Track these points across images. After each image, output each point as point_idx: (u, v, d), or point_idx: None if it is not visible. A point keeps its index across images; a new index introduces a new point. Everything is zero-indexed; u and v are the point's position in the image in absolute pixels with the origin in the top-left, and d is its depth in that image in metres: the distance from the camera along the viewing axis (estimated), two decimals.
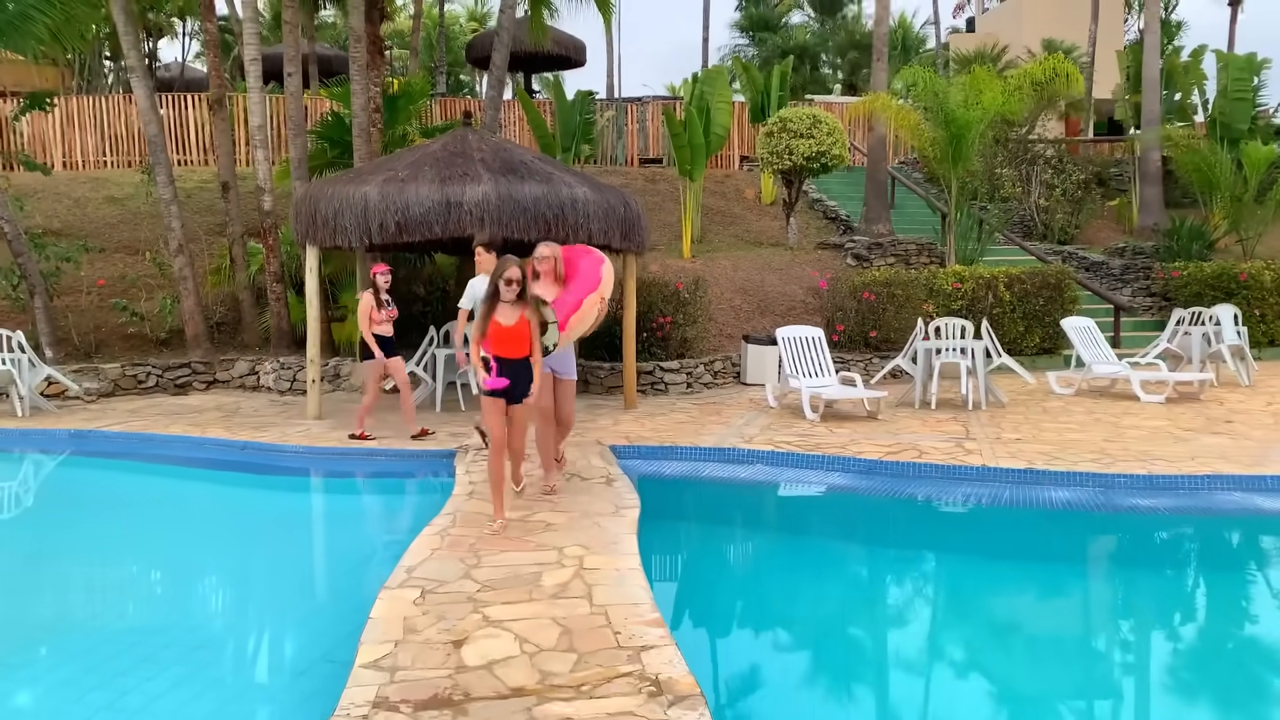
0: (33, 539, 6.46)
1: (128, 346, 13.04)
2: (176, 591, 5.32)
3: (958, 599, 5.17)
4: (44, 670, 4.09)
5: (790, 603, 4.97)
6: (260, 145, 12.29)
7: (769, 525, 6.88)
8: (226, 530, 6.61)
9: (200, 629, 4.60)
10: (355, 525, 6.79)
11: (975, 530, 6.43)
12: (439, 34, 32.48)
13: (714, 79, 17.26)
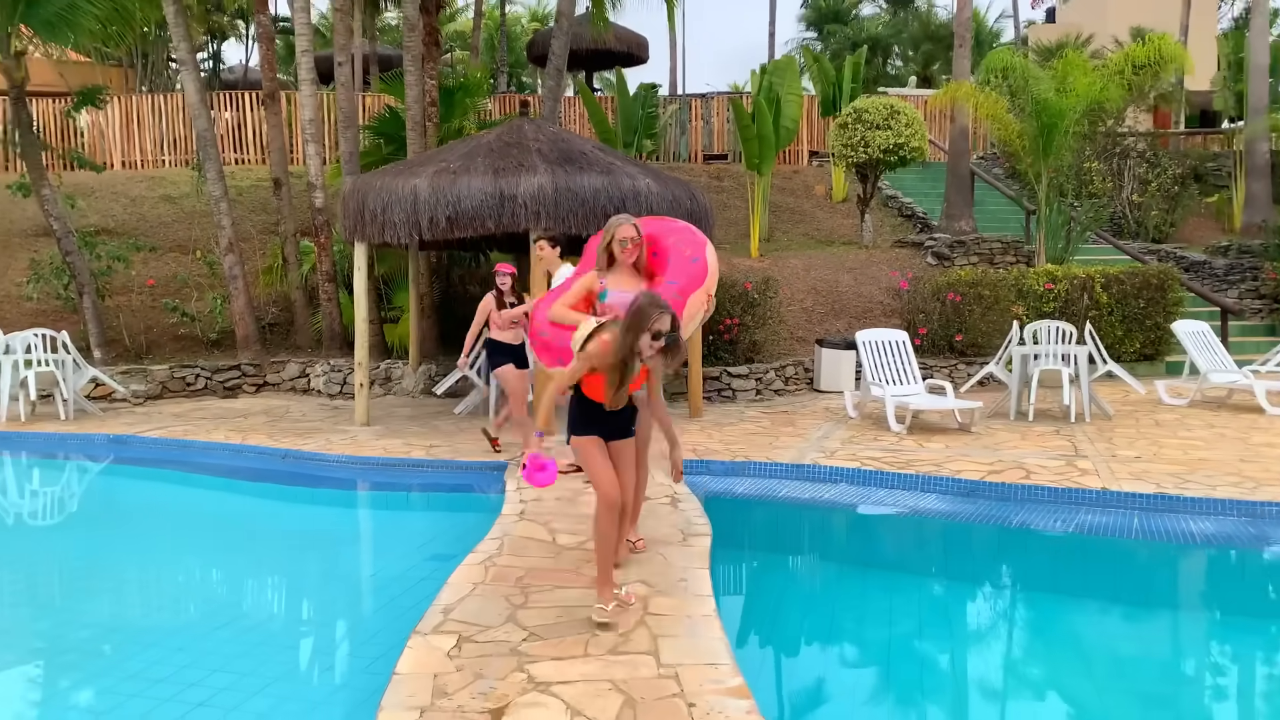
0: (47, 551, 5.96)
1: (179, 348, 12.70)
2: (172, 622, 4.72)
3: (1103, 657, 4.31)
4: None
5: (901, 657, 4.16)
6: (312, 139, 11.83)
7: (866, 560, 5.88)
8: (252, 552, 6.02)
9: (194, 670, 3.98)
10: (393, 546, 6.14)
11: (1113, 570, 5.51)
12: (500, 34, 32.13)
13: (783, 69, 16.43)
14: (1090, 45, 28.19)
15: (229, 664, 3.88)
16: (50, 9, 10.89)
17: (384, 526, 6.90)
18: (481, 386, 9.94)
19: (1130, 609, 4.87)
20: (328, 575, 5.53)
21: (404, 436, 8.47)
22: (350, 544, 6.35)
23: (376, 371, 11.35)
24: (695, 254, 4.93)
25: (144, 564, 5.71)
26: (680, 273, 4.87)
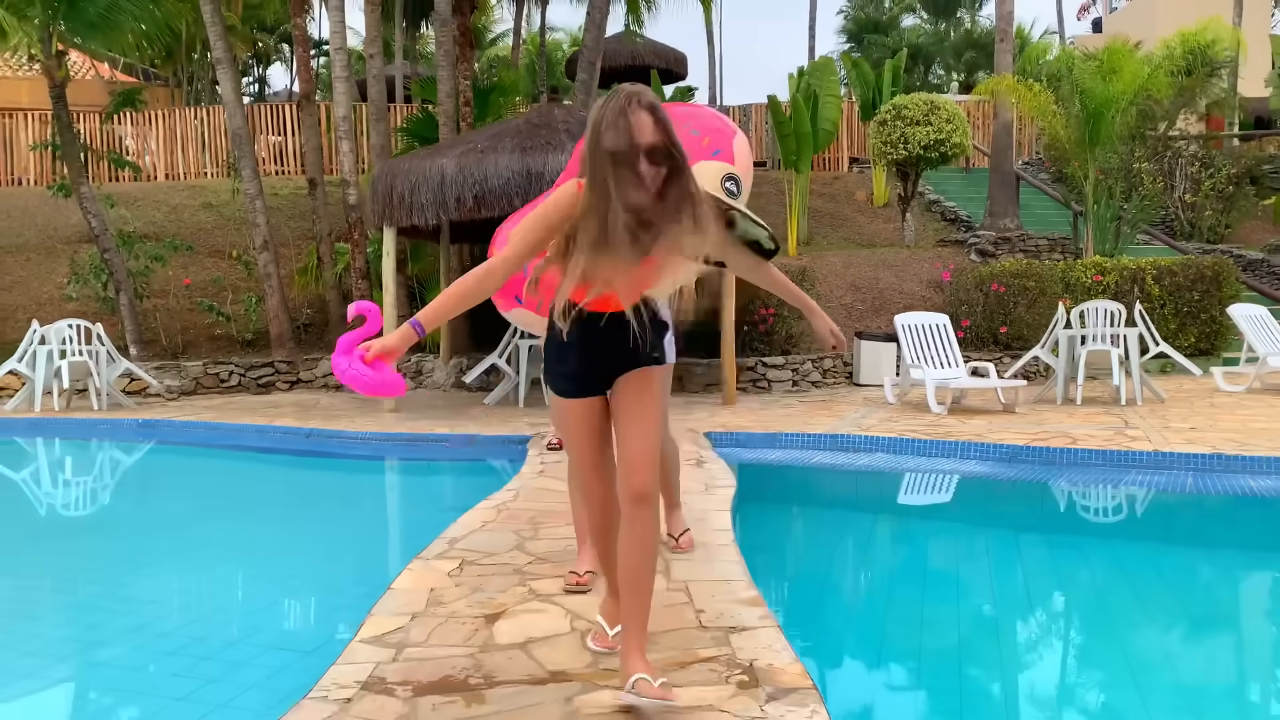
0: (87, 516, 5.88)
1: (214, 348, 12.76)
2: (201, 562, 4.58)
3: (1081, 592, 3.98)
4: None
5: (922, 597, 3.86)
6: (345, 136, 11.87)
7: (889, 513, 5.68)
8: (274, 509, 5.90)
9: (217, 601, 3.82)
10: (411, 505, 6.00)
11: (1171, 519, 5.19)
12: (540, 57, 32.40)
13: (822, 70, 16.28)
14: (1140, 50, 27.69)
15: (250, 595, 3.73)
16: (91, 11, 11.07)
17: (407, 488, 6.78)
18: (511, 375, 9.80)
19: (1190, 549, 4.52)
20: (353, 526, 5.38)
21: (431, 420, 8.34)
22: (372, 503, 6.22)
23: (407, 365, 11.26)
24: (716, 144, 3.49)
25: (190, 521, 5.60)
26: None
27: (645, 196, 2.16)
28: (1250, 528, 4.98)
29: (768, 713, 2.06)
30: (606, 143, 2.17)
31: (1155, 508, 5.35)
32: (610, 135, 2.16)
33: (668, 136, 2.20)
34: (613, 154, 2.15)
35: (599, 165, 2.18)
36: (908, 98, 14.79)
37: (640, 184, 2.16)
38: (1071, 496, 5.54)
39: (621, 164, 2.15)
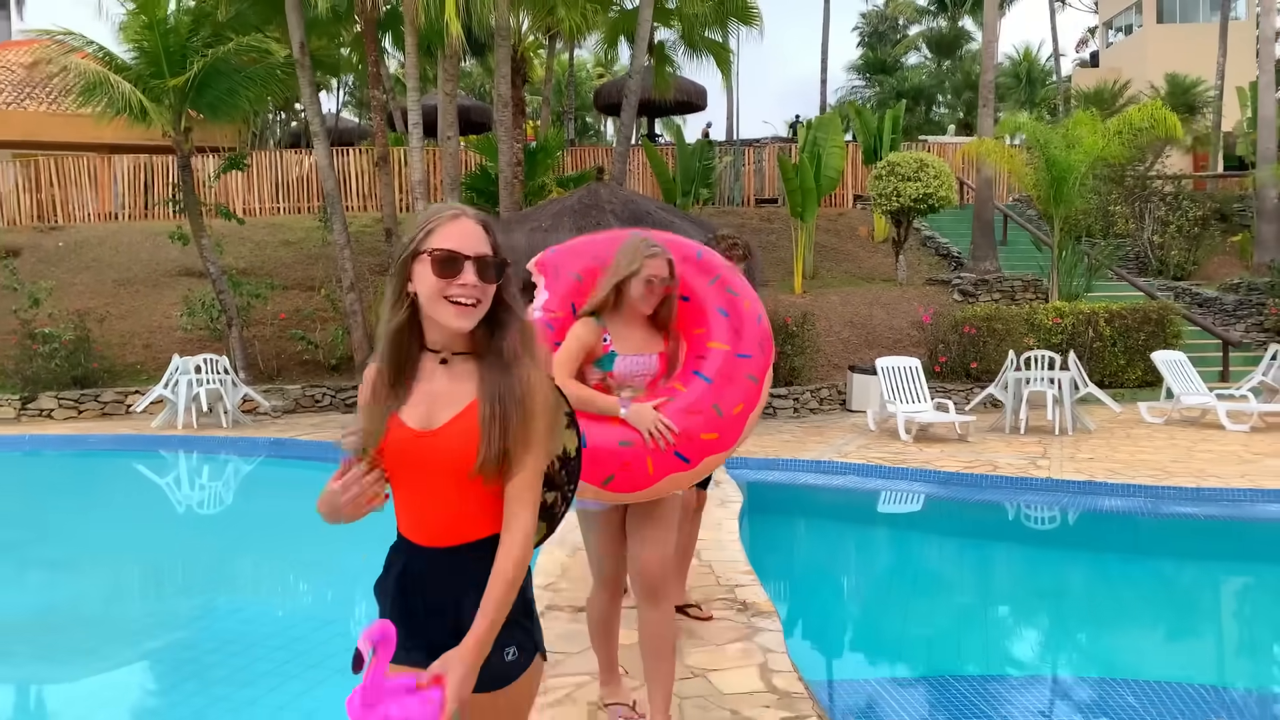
0: (225, 524, 8.13)
1: (303, 371, 15.03)
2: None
3: (1003, 571, 6.20)
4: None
5: (859, 570, 6.11)
6: (421, 197, 14.11)
7: (849, 519, 8.13)
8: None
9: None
10: None
11: (1038, 529, 7.40)
12: (568, 81, 34.49)
13: (826, 125, 18.41)
14: (1128, 90, 29.65)
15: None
16: (214, 94, 13.38)
17: None
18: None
19: (1025, 548, 6.74)
20: None
21: None
22: None
23: None
24: (756, 309, 3.22)
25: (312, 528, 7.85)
26: (748, 341, 3.11)
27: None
28: (1089, 534, 7.17)
29: (752, 623, 4.23)
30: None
31: (1030, 519, 7.57)
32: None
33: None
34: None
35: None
36: (900, 155, 16.93)
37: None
38: (978, 510, 7.75)
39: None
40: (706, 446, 2.91)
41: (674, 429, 2.84)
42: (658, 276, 3.02)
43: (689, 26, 16.45)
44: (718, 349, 3.06)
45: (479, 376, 1.77)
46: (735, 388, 3.01)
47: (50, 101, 25.49)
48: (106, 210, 21.29)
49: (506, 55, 13.34)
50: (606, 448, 2.80)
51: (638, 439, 2.84)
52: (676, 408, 2.93)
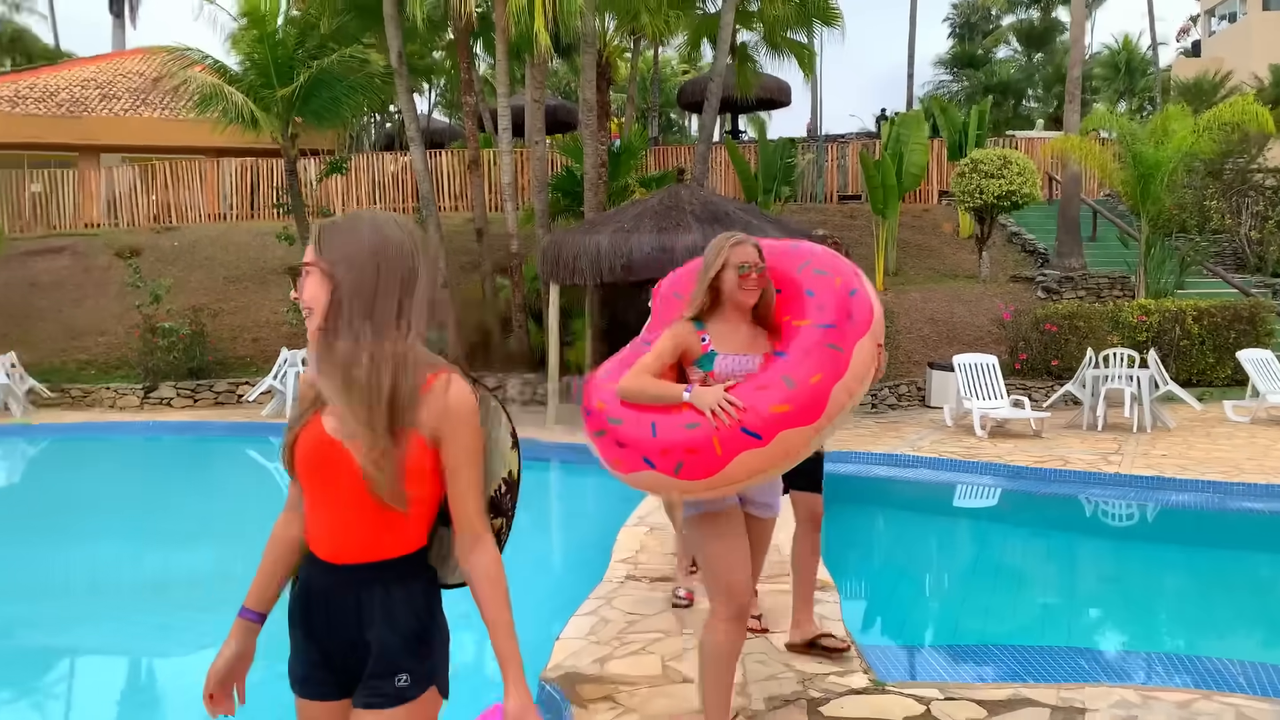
0: None
1: None
2: None
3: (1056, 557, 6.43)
4: None
5: (916, 553, 6.44)
6: (510, 199, 14.73)
7: (916, 509, 8.48)
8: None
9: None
10: (605, 494, 8.72)
11: (1101, 521, 7.57)
12: (652, 78, 34.85)
13: (910, 122, 18.46)
14: (1230, 81, 28.69)
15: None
16: (318, 103, 14.21)
17: (599, 484, 9.49)
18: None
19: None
20: (576, 506, 8.13)
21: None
22: (579, 493, 9.00)
23: (560, 384, 14.05)
24: (850, 283, 2.99)
25: None
26: (831, 311, 2.92)
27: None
28: (1150, 527, 7.33)
29: (816, 595, 4.60)
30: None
31: (1094, 512, 7.74)
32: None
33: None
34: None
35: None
36: (983, 152, 16.89)
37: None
38: (1043, 502, 7.93)
39: None
40: (777, 420, 2.64)
41: (738, 404, 2.65)
42: (747, 262, 2.94)
43: (770, 28, 16.69)
44: (800, 326, 2.89)
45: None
46: (811, 358, 2.76)
47: (163, 108, 27.10)
48: (216, 211, 22.56)
49: (592, 61, 13.84)
50: (673, 435, 2.69)
51: (703, 420, 2.67)
52: (746, 385, 2.76)
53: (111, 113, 26.57)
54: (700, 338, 2.97)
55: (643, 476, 2.77)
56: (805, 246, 3.17)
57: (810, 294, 2.96)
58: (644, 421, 2.76)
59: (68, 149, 25.10)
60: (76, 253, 19.27)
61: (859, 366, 2.78)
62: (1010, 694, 3.42)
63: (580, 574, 5.49)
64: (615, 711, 3.33)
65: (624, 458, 2.79)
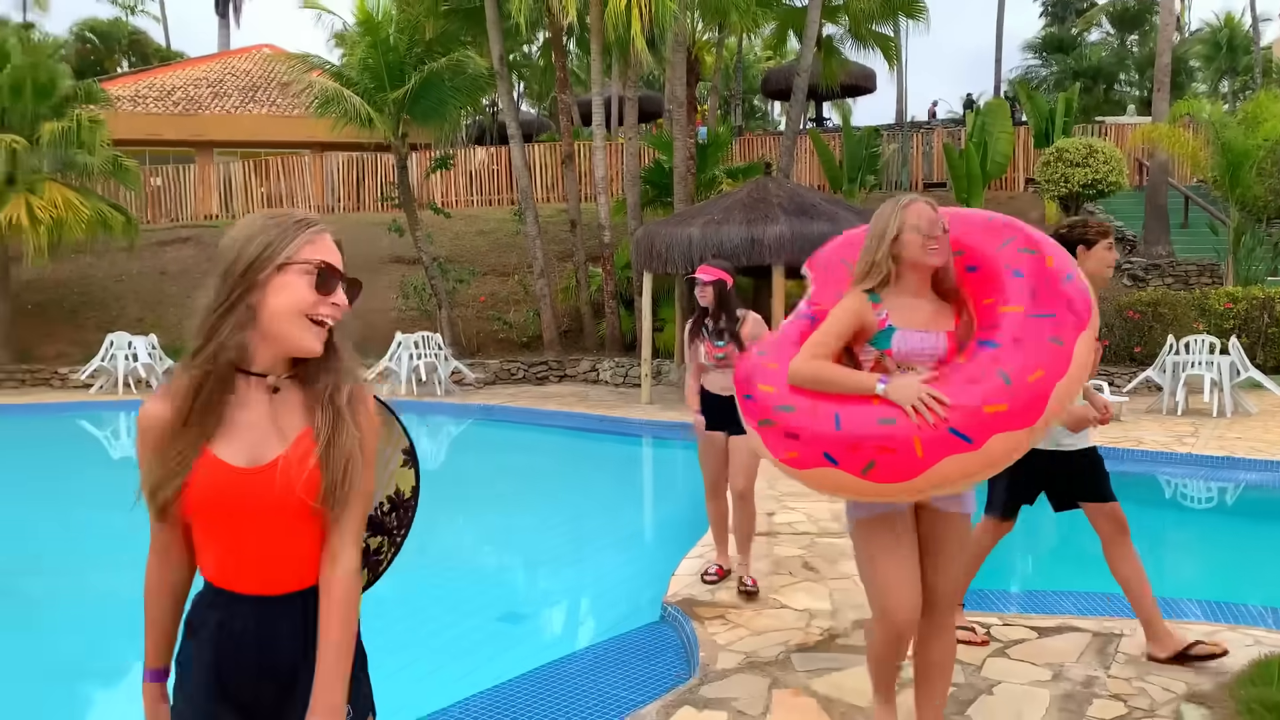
0: (456, 473, 9.72)
1: (499, 348, 16.79)
2: (583, 495, 8.16)
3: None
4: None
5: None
6: (602, 192, 15.52)
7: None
8: (604, 470, 9.52)
9: (598, 521, 7.38)
10: (694, 467, 9.45)
11: (1168, 498, 8.00)
12: (735, 65, 35.14)
13: (994, 111, 18.65)
14: None
15: (622, 514, 7.23)
16: (426, 104, 15.17)
17: (669, 457, 10.24)
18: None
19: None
20: (666, 479, 8.88)
21: (680, 410, 11.79)
22: (667, 465, 9.75)
23: (651, 366, 14.80)
24: (1065, 266, 2.63)
25: (533, 474, 9.30)
26: (1047, 298, 2.57)
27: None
28: (1211, 503, 7.67)
29: None
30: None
31: (1161, 489, 8.11)
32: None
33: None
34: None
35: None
36: (1069, 141, 17.03)
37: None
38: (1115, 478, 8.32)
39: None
40: (992, 421, 2.35)
41: (944, 400, 2.37)
42: (926, 219, 2.62)
43: (856, 22, 17.10)
44: (1009, 312, 2.54)
45: (306, 403, 1.63)
46: (1030, 351, 2.44)
47: (270, 104, 28.66)
48: (323, 203, 23.90)
49: (682, 59, 14.50)
50: (863, 430, 2.41)
51: (901, 416, 2.40)
52: (953, 378, 2.45)
53: (223, 110, 28.23)
54: (876, 311, 2.69)
55: (823, 474, 2.46)
56: (1002, 219, 2.80)
57: (1017, 274, 2.60)
58: (824, 411, 2.48)
59: (185, 145, 26.79)
60: (201, 243, 20.75)
61: (1080, 365, 2.46)
62: (1059, 623, 4.03)
63: (680, 531, 6.23)
64: (728, 626, 4.05)
65: (799, 451, 2.49)
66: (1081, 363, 2.47)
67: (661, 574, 4.85)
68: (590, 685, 3.65)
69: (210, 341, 1.58)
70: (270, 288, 1.57)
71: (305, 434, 1.62)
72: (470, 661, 4.22)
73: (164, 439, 1.60)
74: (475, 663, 4.17)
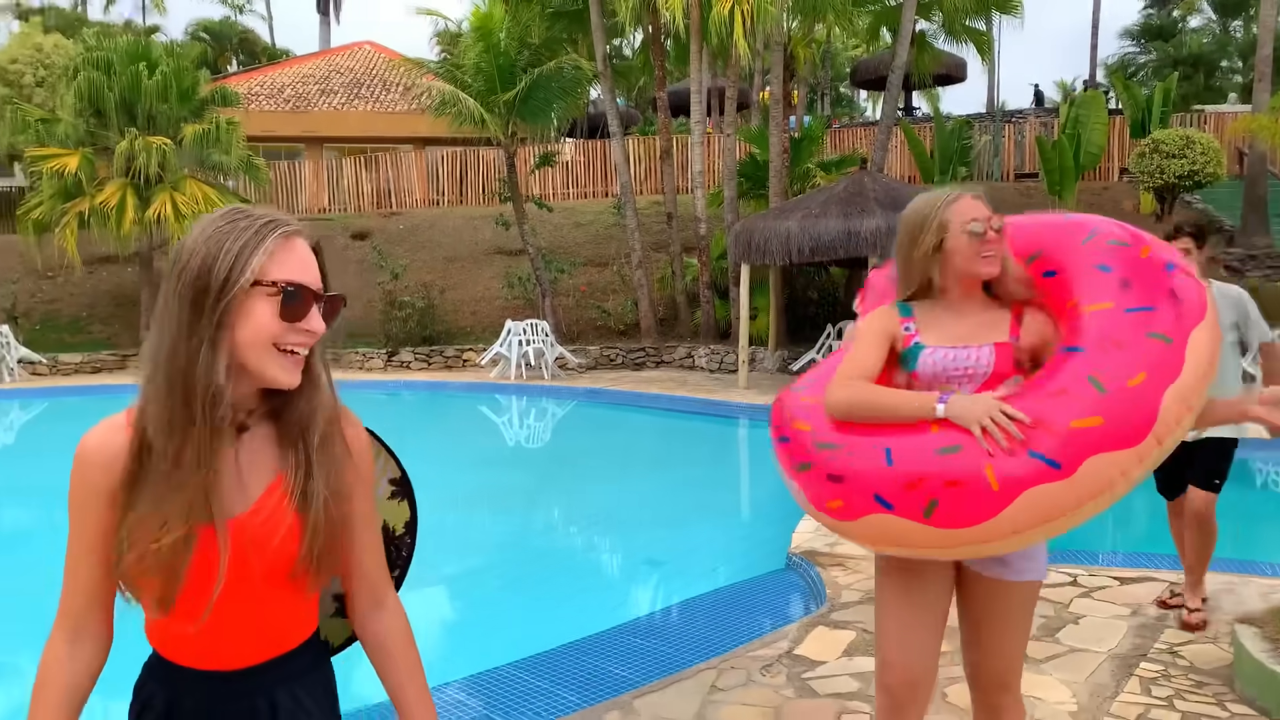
0: (567, 451, 10.55)
1: (597, 335, 17.63)
2: (693, 471, 8.90)
3: None
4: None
5: None
6: (699, 186, 16.19)
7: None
8: (709, 448, 10.25)
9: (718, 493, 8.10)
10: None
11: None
12: (824, 55, 35.24)
13: (1089, 103, 18.74)
14: None
15: (740, 488, 7.95)
16: (532, 107, 16.04)
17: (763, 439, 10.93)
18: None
19: None
20: (747, 457, 9.58)
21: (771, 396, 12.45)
22: (753, 446, 10.44)
23: (746, 354, 15.46)
24: (1162, 254, 2.18)
25: (642, 450, 10.07)
26: (1143, 289, 2.12)
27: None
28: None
29: None
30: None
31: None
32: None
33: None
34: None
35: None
36: (1165, 133, 17.06)
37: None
38: None
39: None
40: (1084, 439, 1.90)
41: (1022, 418, 1.92)
42: (979, 218, 2.17)
43: (950, 18, 17.39)
44: (1096, 310, 2.10)
45: (280, 442, 1.38)
46: (1127, 351, 1.99)
47: (373, 100, 29.96)
48: (428, 197, 25.08)
49: (779, 59, 15.07)
50: (921, 463, 1.97)
51: (967, 441, 1.95)
52: (1032, 392, 2.01)
53: (330, 106, 29.58)
54: (904, 326, 2.27)
55: (876, 524, 2.01)
56: (1079, 216, 2.37)
57: (1106, 269, 2.16)
58: (872, 446, 2.04)
59: (295, 140, 28.24)
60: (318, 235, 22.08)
61: (1200, 363, 1.98)
62: (1139, 574, 4.60)
63: (788, 501, 6.86)
64: (848, 571, 4.72)
65: (844, 498, 2.04)
66: (1202, 360, 1.98)
67: (777, 534, 5.55)
68: (734, 613, 4.38)
69: (198, 383, 1.27)
70: (239, 312, 1.29)
71: (276, 483, 1.36)
72: (624, 591, 5.01)
73: (127, 486, 1.31)
74: (629, 594, 4.95)
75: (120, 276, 19.61)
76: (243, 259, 1.29)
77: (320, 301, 1.35)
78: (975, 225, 2.16)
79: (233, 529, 1.33)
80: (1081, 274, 2.19)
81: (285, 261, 1.33)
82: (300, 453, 1.37)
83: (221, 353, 1.29)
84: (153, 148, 15.69)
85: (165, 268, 1.35)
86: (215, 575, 1.32)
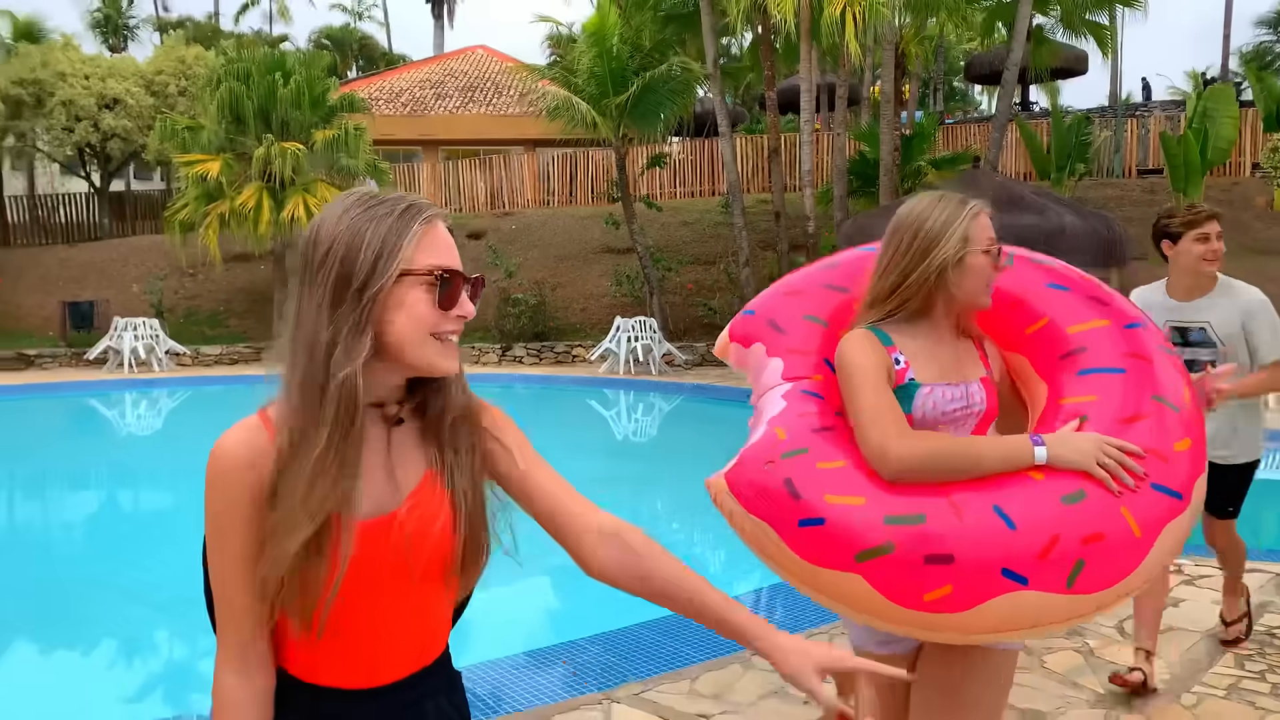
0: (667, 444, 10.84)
1: (704, 331, 17.87)
2: None
3: None
4: None
5: None
6: (808, 184, 16.28)
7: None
8: None
9: None
10: None
11: None
12: (937, 49, 34.53)
13: (1219, 96, 18.04)
14: None
15: None
16: (643, 110, 16.40)
17: None
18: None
19: None
20: None
21: None
22: None
23: None
24: (1095, 284, 2.22)
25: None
26: (1112, 303, 2.11)
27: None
28: None
29: None
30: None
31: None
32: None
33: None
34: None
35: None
36: None
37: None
38: None
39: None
40: (1189, 463, 1.80)
41: (1135, 450, 1.74)
42: (995, 245, 1.99)
43: (1068, 12, 17.01)
44: (1091, 329, 1.98)
45: (426, 434, 1.33)
46: (1161, 367, 1.90)
47: (486, 104, 30.84)
48: (538, 197, 25.77)
49: (891, 57, 15.04)
50: (1051, 520, 1.69)
51: (1092, 487, 1.71)
52: (1105, 420, 1.81)
53: (446, 110, 30.59)
54: (892, 356, 1.96)
55: (1006, 606, 1.66)
56: (1076, 276, 2.21)
57: (1060, 287, 2.12)
58: (978, 507, 1.71)
59: (412, 143, 29.34)
60: None
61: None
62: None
63: None
64: None
65: (956, 583, 1.66)
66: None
67: None
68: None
69: (342, 369, 1.21)
70: (391, 303, 1.24)
71: (428, 477, 1.31)
72: (728, 577, 5.29)
73: (277, 490, 1.23)
74: (732, 579, 5.23)
75: (254, 274, 20.85)
76: (389, 247, 1.24)
77: (468, 284, 1.31)
78: (993, 248, 1.96)
79: (386, 526, 1.26)
80: (1034, 296, 2.08)
81: (432, 247, 1.27)
82: (451, 442, 1.32)
83: (364, 343, 1.23)
84: (287, 153, 16.65)
85: (295, 258, 1.30)
86: (373, 576, 1.25)
